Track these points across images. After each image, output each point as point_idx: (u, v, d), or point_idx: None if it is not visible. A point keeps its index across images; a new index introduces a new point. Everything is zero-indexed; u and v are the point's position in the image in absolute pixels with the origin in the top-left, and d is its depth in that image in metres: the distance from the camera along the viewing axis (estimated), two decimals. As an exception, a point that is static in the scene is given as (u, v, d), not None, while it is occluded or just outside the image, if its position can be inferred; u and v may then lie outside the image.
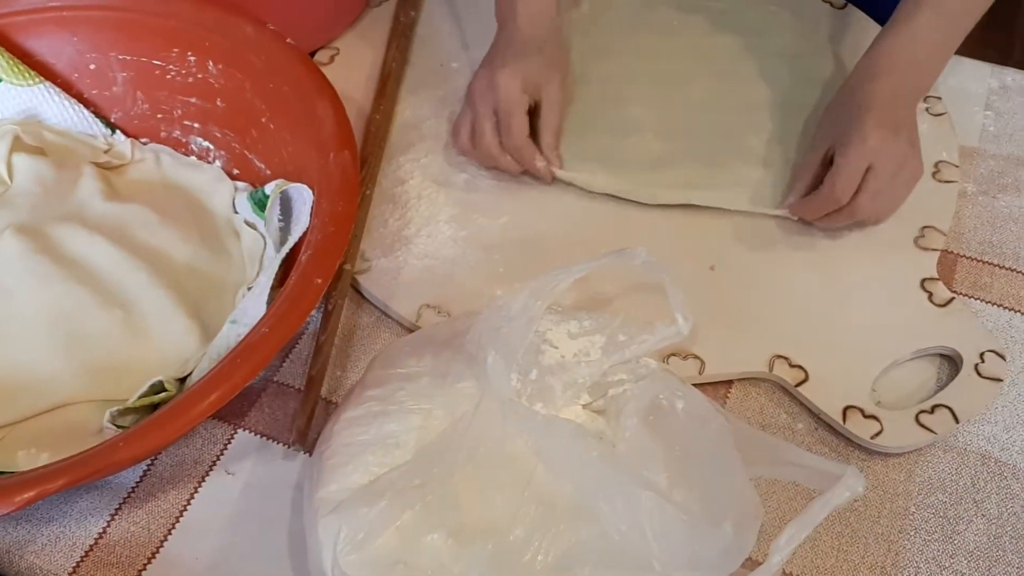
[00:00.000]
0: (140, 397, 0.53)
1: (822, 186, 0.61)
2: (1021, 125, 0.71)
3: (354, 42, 0.78)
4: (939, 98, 0.72)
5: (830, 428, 0.56)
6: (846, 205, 0.60)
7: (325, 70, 0.75)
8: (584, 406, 0.53)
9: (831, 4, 0.78)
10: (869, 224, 0.64)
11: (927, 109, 0.71)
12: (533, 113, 0.66)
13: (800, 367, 0.57)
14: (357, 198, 0.56)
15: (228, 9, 0.63)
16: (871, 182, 0.59)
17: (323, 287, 0.51)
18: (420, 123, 0.72)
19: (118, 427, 0.53)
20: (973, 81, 0.74)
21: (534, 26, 0.67)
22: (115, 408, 0.53)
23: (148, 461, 0.55)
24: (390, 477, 0.48)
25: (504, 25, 0.68)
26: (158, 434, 0.46)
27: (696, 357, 0.58)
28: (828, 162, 0.61)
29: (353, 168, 0.56)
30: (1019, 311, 0.61)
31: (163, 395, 0.54)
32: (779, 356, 0.58)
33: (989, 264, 0.64)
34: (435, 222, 0.66)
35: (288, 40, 0.62)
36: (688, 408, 0.49)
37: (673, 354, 0.58)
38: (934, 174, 0.67)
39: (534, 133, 0.65)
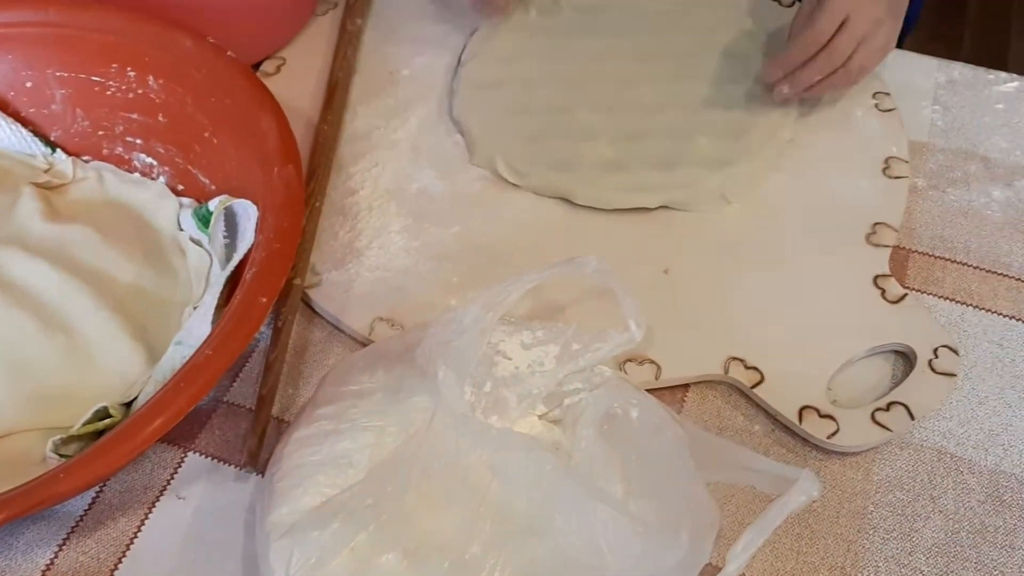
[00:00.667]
0: (84, 424, 0.52)
1: (806, 29, 0.65)
2: (969, 119, 0.72)
3: (301, 51, 0.77)
4: (888, 94, 0.72)
5: (787, 429, 0.56)
6: (823, 50, 0.64)
7: (272, 80, 0.74)
8: (540, 416, 0.53)
9: (779, 3, 0.78)
10: (842, 86, 0.67)
11: (876, 105, 0.71)
12: None
13: (755, 369, 0.57)
14: (303, 213, 0.55)
15: (167, 23, 0.62)
16: (847, 30, 0.63)
17: (268, 305, 0.50)
18: (370, 132, 0.71)
19: (61, 456, 0.51)
20: (920, 76, 0.75)
21: None
22: (58, 437, 0.51)
23: (96, 488, 0.54)
24: (343, 498, 0.47)
25: None
26: (100, 464, 0.45)
27: (652, 362, 0.58)
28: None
29: (298, 182, 0.55)
30: (971, 305, 0.61)
31: (108, 421, 0.52)
32: (734, 358, 0.58)
33: (941, 259, 0.64)
34: (387, 233, 0.65)
35: (229, 53, 0.61)
36: (643, 416, 0.49)
37: (629, 360, 0.58)
38: (884, 170, 0.67)
39: None
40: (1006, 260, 0.64)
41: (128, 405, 0.55)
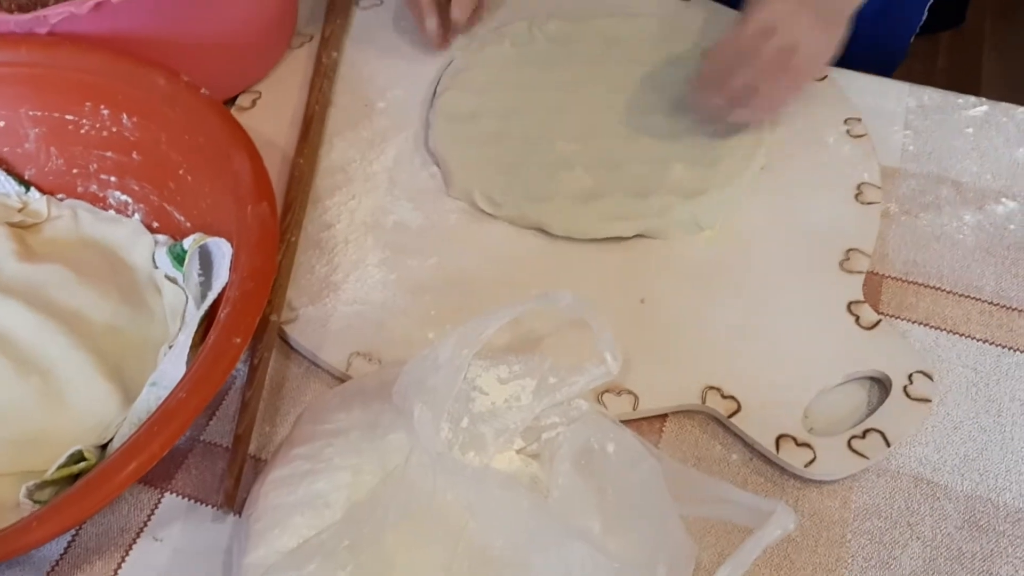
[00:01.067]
0: (58, 468, 0.52)
1: (726, 38, 0.66)
2: (939, 143, 0.73)
3: (276, 85, 0.77)
4: (859, 119, 0.73)
5: (765, 458, 0.56)
6: (749, 57, 0.64)
7: (247, 115, 0.74)
8: (518, 451, 0.53)
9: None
10: (790, 91, 0.68)
11: (848, 131, 0.72)
12: None
13: (732, 398, 0.57)
14: (277, 252, 0.55)
15: (140, 61, 0.62)
16: (776, 38, 0.63)
17: (243, 346, 0.50)
18: (346, 165, 0.71)
19: (36, 502, 0.51)
20: (892, 101, 0.76)
21: None
22: (32, 483, 0.51)
23: (72, 531, 0.53)
24: (320, 539, 0.47)
25: None
26: (74, 511, 0.45)
27: (630, 392, 0.58)
28: None
29: (272, 221, 0.55)
30: (945, 330, 0.62)
31: (83, 465, 0.52)
32: (711, 387, 0.58)
33: (914, 284, 0.64)
34: (364, 266, 0.65)
35: (203, 91, 0.61)
36: (619, 450, 0.49)
37: (607, 391, 0.58)
38: (856, 196, 0.68)
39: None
40: (978, 284, 0.64)
41: (104, 447, 0.54)
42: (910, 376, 0.58)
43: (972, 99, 0.75)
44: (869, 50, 0.78)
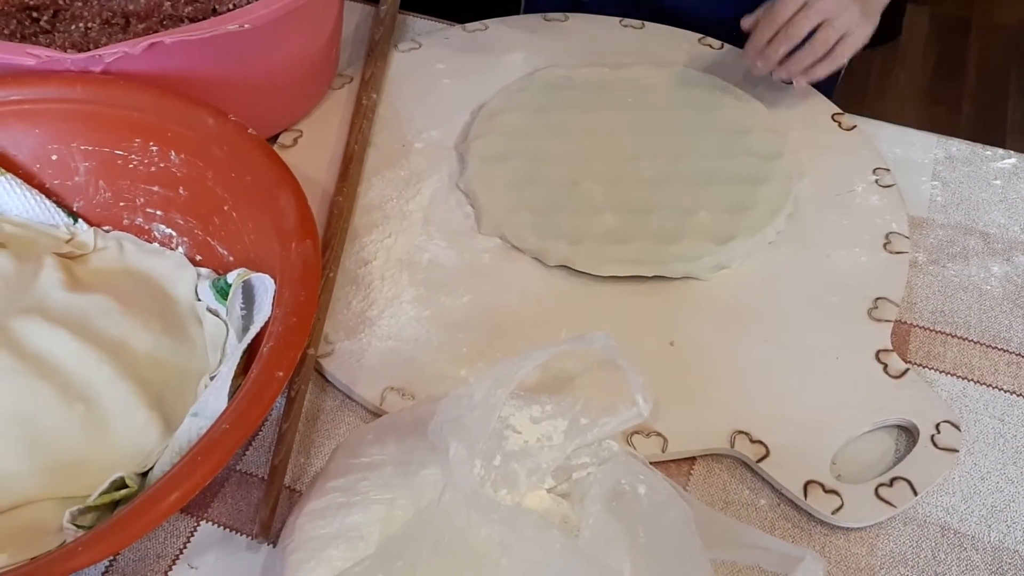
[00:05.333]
0: (101, 494, 0.53)
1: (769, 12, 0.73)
2: (967, 194, 0.74)
3: (317, 124, 0.79)
4: (888, 170, 0.74)
5: (792, 503, 0.57)
6: (783, 28, 0.72)
7: (289, 152, 0.77)
8: (549, 490, 0.53)
9: (783, 80, 0.80)
10: (809, 64, 0.73)
11: (876, 181, 0.73)
12: None
13: (761, 443, 0.58)
14: (319, 288, 0.57)
15: (190, 101, 0.64)
16: (808, 10, 0.71)
17: (285, 380, 0.51)
18: (384, 203, 0.73)
19: (78, 527, 0.52)
20: (920, 152, 0.77)
21: None
22: (75, 508, 0.52)
23: (110, 557, 0.55)
24: (354, 572, 0.48)
25: None
26: (117, 537, 0.46)
27: (659, 435, 0.59)
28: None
29: (315, 258, 0.57)
30: (972, 380, 0.62)
31: (125, 491, 0.53)
32: (740, 432, 0.59)
33: (942, 333, 0.65)
34: (398, 303, 0.66)
35: (250, 131, 0.63)
36: (650, 493, 0.50)
37: (636, 432, 0.59)
38: (885, 245, 0.69)
39: None
40: (1006, 335, 0.65)
41: (144, 475, 0.55)
42: (937, 426, 0.58)
43: (1000, 151, 0.77)
44: None
